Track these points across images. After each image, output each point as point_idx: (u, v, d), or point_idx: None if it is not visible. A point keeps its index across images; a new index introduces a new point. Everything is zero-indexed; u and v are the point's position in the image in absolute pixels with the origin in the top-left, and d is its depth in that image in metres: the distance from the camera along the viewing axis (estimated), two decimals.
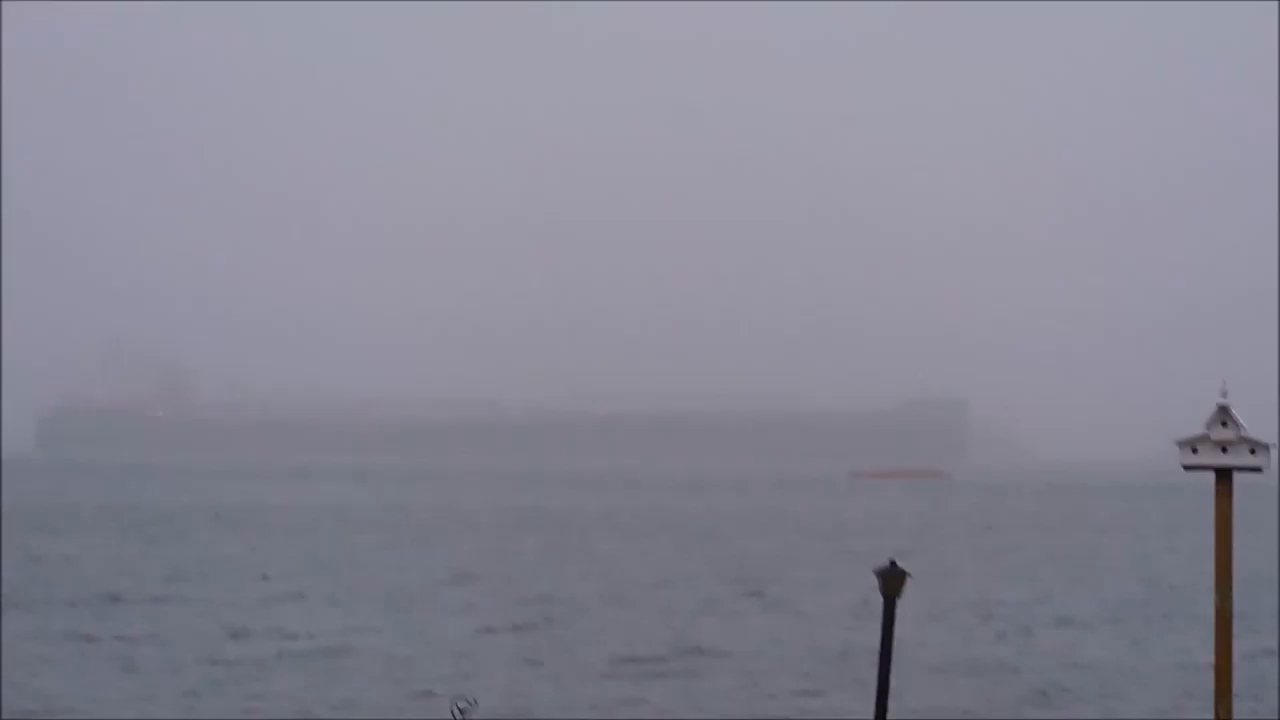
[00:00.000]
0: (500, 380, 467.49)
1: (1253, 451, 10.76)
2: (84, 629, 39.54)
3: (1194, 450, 10.83)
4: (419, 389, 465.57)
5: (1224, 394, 10.76)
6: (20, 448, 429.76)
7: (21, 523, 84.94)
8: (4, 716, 20.32)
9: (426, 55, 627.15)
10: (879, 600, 11.34)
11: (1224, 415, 10.76)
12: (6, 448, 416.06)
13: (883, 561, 11.60)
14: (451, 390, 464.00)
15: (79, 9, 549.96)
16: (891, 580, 11.36)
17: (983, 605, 48.57)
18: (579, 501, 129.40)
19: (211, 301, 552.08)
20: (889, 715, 11.73)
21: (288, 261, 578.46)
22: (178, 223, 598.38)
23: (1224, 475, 10.91)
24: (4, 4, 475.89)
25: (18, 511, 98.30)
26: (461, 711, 11.99)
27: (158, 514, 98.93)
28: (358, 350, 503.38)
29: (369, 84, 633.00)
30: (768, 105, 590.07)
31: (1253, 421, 10.94)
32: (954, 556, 69.71)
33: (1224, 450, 10.75)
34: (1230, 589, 10.93)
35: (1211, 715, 11.19)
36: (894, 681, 11.24)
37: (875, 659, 11.56)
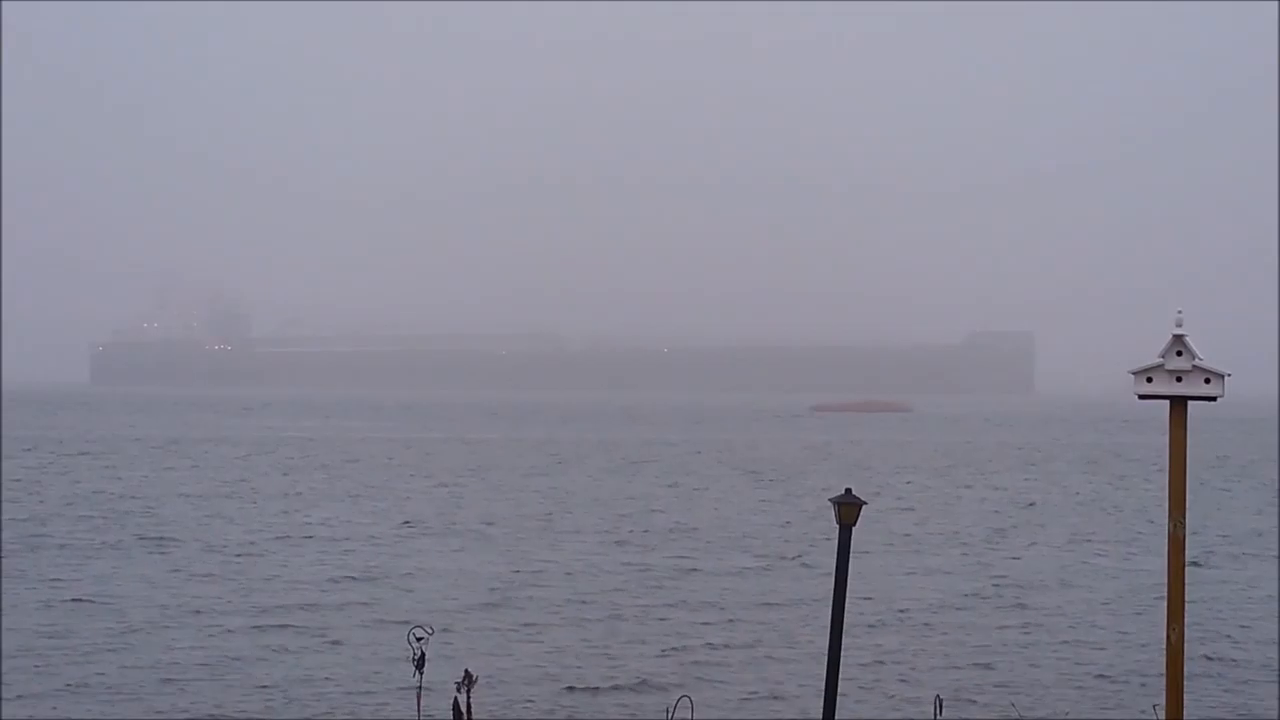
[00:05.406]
0: (559, 313, 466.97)
1: (1207, 381, 10.65)
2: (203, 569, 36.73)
3: (1148, 380, 10.77)
4: (478, 324, 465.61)
5: (1179, 324, 10.69)
6: (74, 380, 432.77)
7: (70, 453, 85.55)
8: (3, 718, 21.69)
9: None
10: None
11: (1179, 345, 10.70)
12: (60, 380, 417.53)
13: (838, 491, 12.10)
14: (509, 325, 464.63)
15: None
16: (847, 509, 11.85)
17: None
18: (683, 435, 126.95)
19: (268, 239, 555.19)
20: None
21: (346, 202, 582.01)
22: (230, 154, 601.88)
23: (1178, 404, 10.82)
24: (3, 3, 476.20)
25: (67, 442, 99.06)
26: (419, 640, 12.40)
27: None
28: (415, 285, 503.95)
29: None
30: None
31: None
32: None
33: (1178, 380, 10.67)
34: (1184, 516, 10.91)
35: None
36: None
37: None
